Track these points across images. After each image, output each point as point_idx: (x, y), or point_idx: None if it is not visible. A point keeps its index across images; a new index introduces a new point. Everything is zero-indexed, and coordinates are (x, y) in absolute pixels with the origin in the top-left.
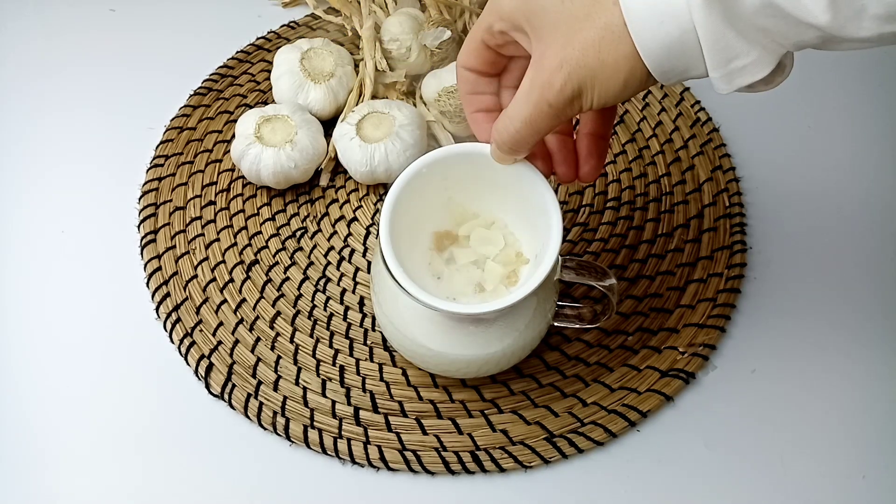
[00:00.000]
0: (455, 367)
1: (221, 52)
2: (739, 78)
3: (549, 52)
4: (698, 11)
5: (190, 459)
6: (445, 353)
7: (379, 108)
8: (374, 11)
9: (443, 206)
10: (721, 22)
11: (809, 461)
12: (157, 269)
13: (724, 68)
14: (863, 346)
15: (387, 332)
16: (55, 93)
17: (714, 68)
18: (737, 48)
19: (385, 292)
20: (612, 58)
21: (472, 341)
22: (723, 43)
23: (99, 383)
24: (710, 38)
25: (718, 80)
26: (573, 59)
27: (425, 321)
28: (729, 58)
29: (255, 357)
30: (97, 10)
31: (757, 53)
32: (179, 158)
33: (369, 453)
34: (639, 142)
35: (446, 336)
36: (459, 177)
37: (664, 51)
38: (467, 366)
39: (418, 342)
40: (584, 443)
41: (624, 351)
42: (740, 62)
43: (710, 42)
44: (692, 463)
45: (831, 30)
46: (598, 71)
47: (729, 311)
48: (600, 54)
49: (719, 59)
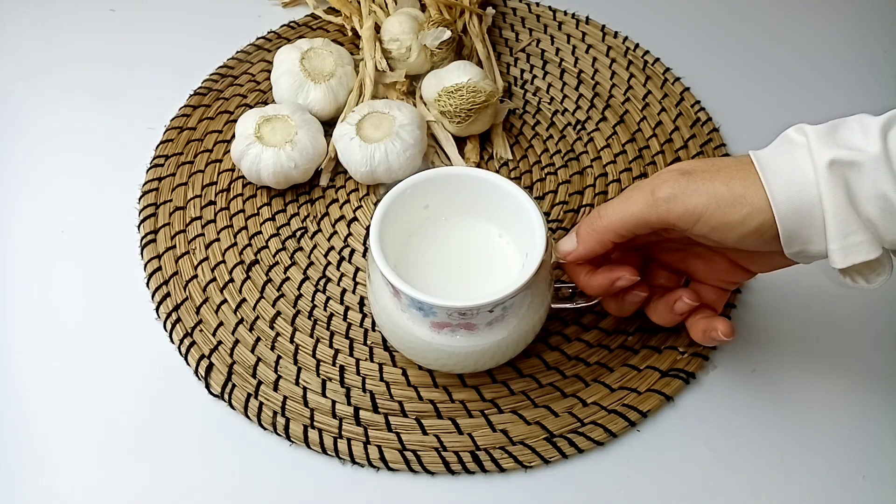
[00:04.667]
0: (454, 361)
1: (221, 52)
2: (855, 253)
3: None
4: (824, 182)
5: (190, 459)
6: (443, 346)
7: (379, 108)
8: (374, 11)
9: (422, 221)
10: (843, 195)
11: (809, 461)
12: (157, 269)
13: (842, 240)
14: (863, 345)
15: (385, 329)
16: (55, 93)
17: (833, 239)
18: (854, 223)
19: (381, 291)
20: (739, 188)
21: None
22: (844, 216)
23: (99, 383)
24: (832, 209)
25: (836, 251)
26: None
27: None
28: (847, 231)
29: (255, 357)
30: (97, 9)
31: (868, 236)
32: (179, 158)
33: (369, 453)
34: (639, 142)
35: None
36: (441, 196)
37: (792, 210)
38: (465, 358)
39: (416, 335)
40: (584, 443)
41: (624, 351)
42: (857, 238)
43: (833, 213)
44: (692, 463)
45: None
46: (717, 197)
47: (729, 311)
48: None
49: (839, 230)
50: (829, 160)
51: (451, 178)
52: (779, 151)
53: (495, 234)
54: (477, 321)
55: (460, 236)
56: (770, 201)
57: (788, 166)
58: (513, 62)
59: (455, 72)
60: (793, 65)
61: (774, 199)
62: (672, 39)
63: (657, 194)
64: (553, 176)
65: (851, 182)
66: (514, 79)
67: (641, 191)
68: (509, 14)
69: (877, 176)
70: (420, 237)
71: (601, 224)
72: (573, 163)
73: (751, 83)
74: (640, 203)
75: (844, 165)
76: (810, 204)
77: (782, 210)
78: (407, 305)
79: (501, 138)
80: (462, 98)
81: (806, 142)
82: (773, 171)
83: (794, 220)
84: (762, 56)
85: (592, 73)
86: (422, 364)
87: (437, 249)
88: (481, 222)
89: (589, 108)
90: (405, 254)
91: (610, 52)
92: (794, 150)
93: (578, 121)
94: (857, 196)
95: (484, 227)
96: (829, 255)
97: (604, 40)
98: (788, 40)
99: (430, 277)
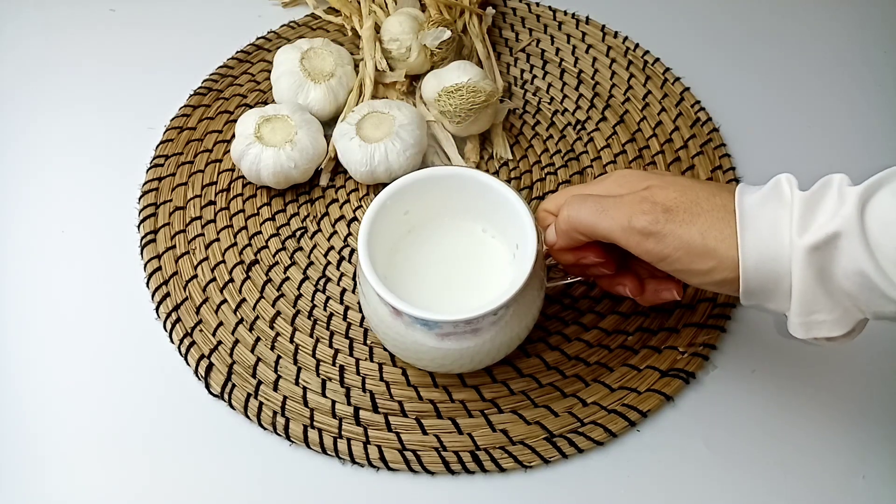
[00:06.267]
0: (460, 363)
1: (221, 52)
2: (816, 330)
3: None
4: (797, 262)
5: (190, 459)
6: (450, 349)
7: (379, 108)
8: (374, 11)
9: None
10: (814, 278)
11: (809, 461)
12: (157, 269)
13: (805, 317)
14: (863, 346)
15: (388, 342)
16: (55, 92)
17: (796, 314)
18: (821, 303)
19: (377, 307)
20: (713, 241)
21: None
22: (810, 295)
23: (99, 383)
24: (800, 287)
25: (798, 325)
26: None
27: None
28: (812, 310)
29: (255, 357)
30: (97, 9)
31: (839, 314)
32: (179, 158)
33: (369, 453)
34: (639, 142)
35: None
36: (419, 200)
37: (759, 275)
38: (472, 358)
39: (422, 344)
40: (584, 443)
41: (624, 351)
42: (821, 317)
43: (800, 291)
44: (692, 463)
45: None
46: (688, 246)
47: (729, 311)
48: (702, 232)
49: (804, 308)
50: (808, 246)
51: (427, 181)
52: (763, 206)
53: (479, 229)
54: (483, 324)
55: (444, 238)
56: (740, 264)
57: (768, 230)
58: (513, 62)
59: (455, 72)
60: (793, 65)
61: (745, 262)
62: (672, 39)
63: (633, 223)
64: (553, 176)
65: (827, 262)
66: (514, 79)
67: (620, 210)
68: (509, 14)
69: (854, 254)
70: (405, 246)
71: (572, 224)
72: (573, 163)
73: (751, 83)
74: (615, 224)
75: (821, 248)
76: (779, 274)
77: (749, 273)
78: (411, 322)
79: (501, 138)
80: (462, 98)
81: (790, 204)
82: (752, 232)
83: (759, 283)
84: (762, 56)
85: (592, 73)
86: (430, 369)
87: (424, 256)
88: (463, 220)
89: (589, 108)
90: (393, 266)
91: (610, 52)
92: (778, 210)
93: (578, 121)
94: (834, 273)
95: (466, 225)
96: (789, 325)
97: (604, 40)
98: (788, 40)
99: (424, 286)
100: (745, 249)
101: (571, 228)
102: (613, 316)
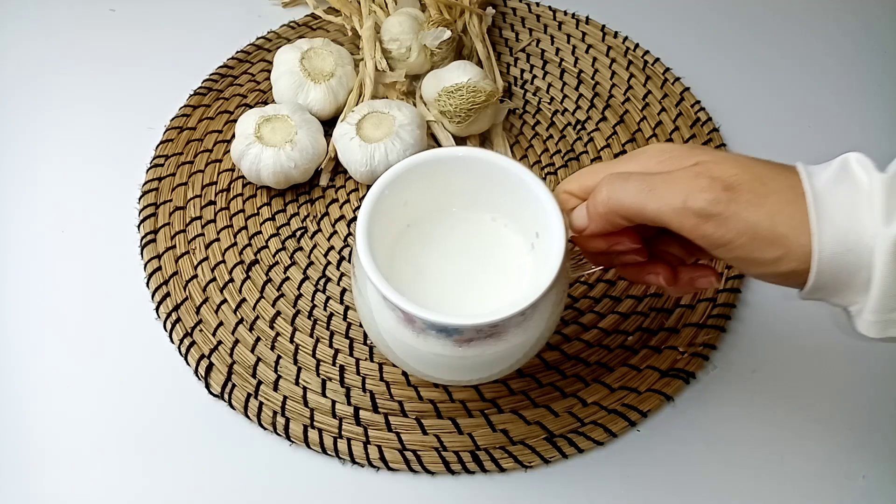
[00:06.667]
0: (468, 370)
1: (221, 52)
2: (893, 328)
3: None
4: (882, 254)
5: (190, 459)
6: (457, 354)
7: (379, 108)
8: (374, 11)
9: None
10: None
11: (809, 461)
12: (157, 269)
13: (884, 314)
14: (863, 346)
15: (395, 353)
16: (55, 92)
17: (873, 311)
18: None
19: (381, 313)
20: (784, 227)
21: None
22: (893, 292)
23: (99, 383)
24: (881, 285)
25: (872, 324)
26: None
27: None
28: (892, 307)
29: (255, 357)
30: (97, 9)
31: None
32: (179, 158)
33: (369, 453)
34: (639, 142)
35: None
36: (424, 191)
37: (833, 268)
38: (480, 365)
39: (437, 353)
40: (584, 443)
41: (624, 351)
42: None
43: (882, 289)
44: (692, 463)
45: None
46: (755, 231)
47: (729, 311)
48: (772, 214)
49: (884, 306)
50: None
51: (426, 165)
52: (837, 189)
53: (488, 218)
54: (508, 326)
55: (450, 230)
56: (814, 255)
57: (844, 217)
58: (513, 62)
59: (455, 72)
60: (793, 65)
61: (821, 253)
62: (672, 39)
63: (689, 204)
64: (553, 176)
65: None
66: (514, 79)
67: (672, 189)
68: (509, 14)
69: None
70: (406, 243)
71: (612, 206)
72: (573, 163)
73: (751, 83)
74: (665, 205)
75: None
76: (856, 267)
77: (825, 265)
78: (424, 329)
79: (501, 138)
80: (462, 98)
81: (869, 188)
82: (828, 220)
83: (832, 276)
84: (762, 56)
85: (592, 73)
86: (443, 382)
87: (427, 252)
88: (469, 209)
89: (589, 108)
90: (393, 266)
91: (610, 52)
92: (855, 195)
93: (578, 121)
94: None
95: (473, 215)
96: (860, 323)
97: (604, 40)
98: (789, 40)
99: (431, 287)
100: (822, 238)
101: (611, 211)
102: (613, 316)
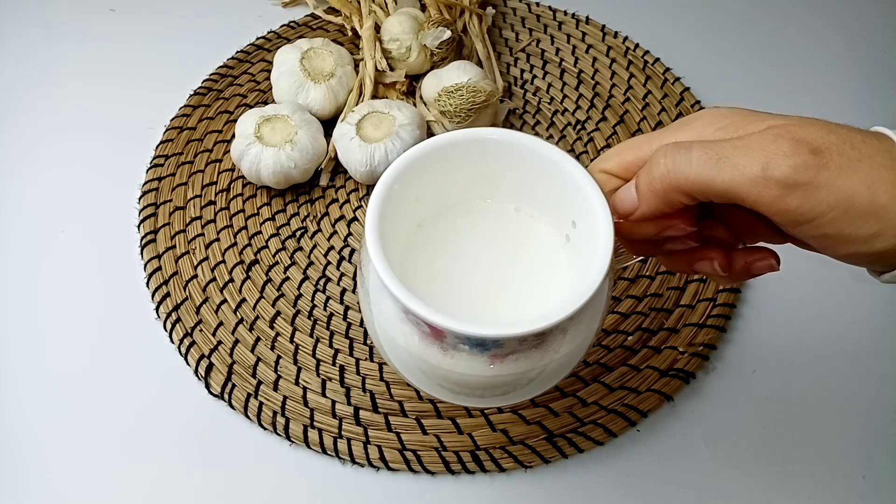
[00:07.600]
0: (503, 388)
1: (221, 52)
2: None
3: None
4: None
5: (190, 459)
6: (490, 372)
7: (379, 108)
8: (374, 11)
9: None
10: None
11: (809, 461)
12: (157, 269)
13: None
14: (863, 346)
15: (414, 370)
16: (55, 92)
17: None
18: None
19: (398, 329)
20: (884, 197)
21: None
22: None
23: (98, 383)
24: None
25: None
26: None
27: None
28: None
29: (255, 357)
30: (97, 10)
31: None
32: (179, 158)
33: (369, 453)
34: None
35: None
36: (436, 183)
37: None
38: (518, 381)
39: (456, 367)
40: (584, 443)
41: (624, 351)
42: None
43: None
44: (692, 463)
45: None
46: (851, 202)
47: (729, 311)
48: (869, 183)
49: None
50: None
51: (437, 152)
52: None
53: (511, 208)
54: (554, 334)
55: (468, 226)
56: None
57: None
58: (513, 62)
59: (455, 72)
60: (793, 64)
61: None
62: (672, 39)
63: (770, 171)
64: None
65: None
66: (514, 79)
67: (747, 155)
68: (509, 14)
69: None
70: (419, 243)
71: (671, 182)
72: None
73: (751, 83)
74: (741, 175)
75: None
76: None
77: None
78: (455, 345)
79: None
80: (462, 98)
81: None
82: None
83: None
84: (762, 56)
85: (592, 73)
86: (469, 404)
87: (444, 253)
88: (489, 200)
89: (589, 108)
90: (408, 271)
91: (610, 52)
92: None
93: (578, 121)
94: None
95: (492, 206)
96: None
97: (604, 40)
98: (789, 40)
99: (454, 294)
100: None
101: (672, 188)
102: (613, 315)
